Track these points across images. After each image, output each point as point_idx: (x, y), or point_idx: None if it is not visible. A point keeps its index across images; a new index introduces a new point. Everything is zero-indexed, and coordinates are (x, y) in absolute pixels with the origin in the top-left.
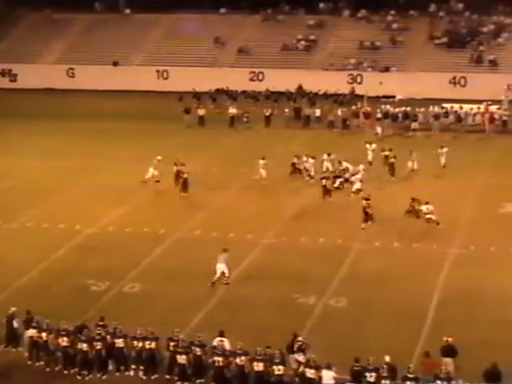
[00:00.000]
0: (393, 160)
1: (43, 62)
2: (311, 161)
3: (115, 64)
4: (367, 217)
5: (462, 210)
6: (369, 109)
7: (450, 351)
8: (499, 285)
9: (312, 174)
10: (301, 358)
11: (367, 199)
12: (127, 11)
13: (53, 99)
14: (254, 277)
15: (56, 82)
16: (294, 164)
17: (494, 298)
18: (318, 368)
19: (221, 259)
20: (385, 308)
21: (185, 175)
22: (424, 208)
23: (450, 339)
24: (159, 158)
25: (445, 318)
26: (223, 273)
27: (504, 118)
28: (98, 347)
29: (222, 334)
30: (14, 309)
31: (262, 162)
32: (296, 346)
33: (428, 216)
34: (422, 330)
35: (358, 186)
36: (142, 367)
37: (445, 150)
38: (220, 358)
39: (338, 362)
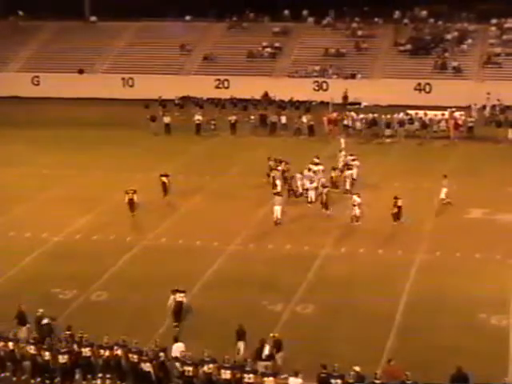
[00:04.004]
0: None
1: (8, 70)
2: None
3: (80, 72)
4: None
5: (427, 215)
6: (334, 115)
7: (278, 345)
8: (465, 290)
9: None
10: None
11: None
12: (93, 19)
13: (18, 107)
14: (221, 284)
15: (21, 89)
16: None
17: (460, 303)
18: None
19: (277, 202)
20: (351, 314)
21: (166, 180)
22: (353, 198)
23: (276, 335)
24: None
25: (411, 324)
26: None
27: (470, 124)
28: (64, 358)
29: (176, 340)
30: None
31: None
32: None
33: (354, 206)
34: (389, 336)
35: (312, 194)
36: (108, 375)
37: (356, 162)
38: (190, 368)
39: (305, 368)
